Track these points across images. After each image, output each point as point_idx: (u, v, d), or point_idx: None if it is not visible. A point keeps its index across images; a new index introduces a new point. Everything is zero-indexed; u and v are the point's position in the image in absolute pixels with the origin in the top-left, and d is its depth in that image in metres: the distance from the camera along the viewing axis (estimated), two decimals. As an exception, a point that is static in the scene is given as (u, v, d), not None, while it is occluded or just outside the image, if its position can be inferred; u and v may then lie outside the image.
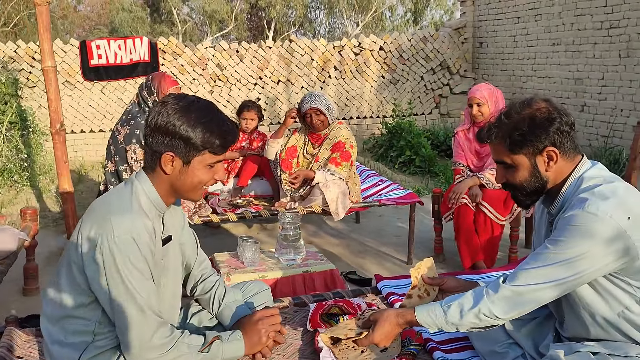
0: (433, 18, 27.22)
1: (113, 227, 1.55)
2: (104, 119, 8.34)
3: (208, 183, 1.69)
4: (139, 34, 23.29)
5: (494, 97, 3.94)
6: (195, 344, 1.69)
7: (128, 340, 1.59)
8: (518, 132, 1.68)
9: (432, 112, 9.64)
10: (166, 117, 1.60)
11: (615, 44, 7.07)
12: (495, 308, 1.65)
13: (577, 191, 1.67)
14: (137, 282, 1.57)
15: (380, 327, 1.83)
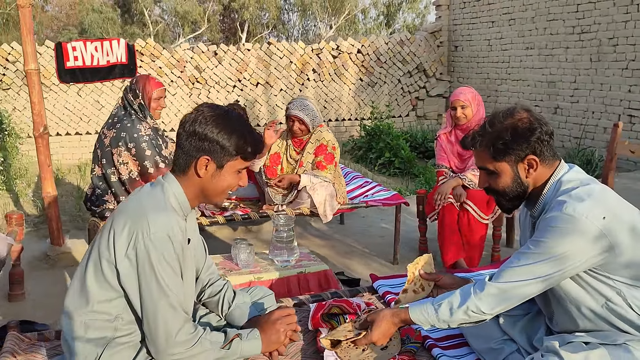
0: (405, 21, 27.52)
1: (149, 224, 1.61)
2: (80, 122, 8.23)
3: (234, 188, 1.79)
4: (110, 35, 23.00)
5: (476, 100, 4.05)
6: (217, 341, 1.75)
7: (156, 335, 1.64)
8: (501, 141, 1.76)
9: (409, 115, 9.78)
10: (204, 124, 1.69)
11: (587, 49, 7.30)
12: (482, 304, 1.74)
13: (556, 194, 1.75)
14: (169, 279, 1.63)
15: (378, 327, 1.90)
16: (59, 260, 4.25)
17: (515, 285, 1.72)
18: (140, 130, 3.44)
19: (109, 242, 1.65)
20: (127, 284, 1.64)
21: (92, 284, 1.68)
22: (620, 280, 1.69)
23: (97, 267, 1.67)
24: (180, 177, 1.75)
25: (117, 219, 1.67)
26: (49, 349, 2.01)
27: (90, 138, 8.33)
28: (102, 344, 1.68)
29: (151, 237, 1.60)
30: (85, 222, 5.35)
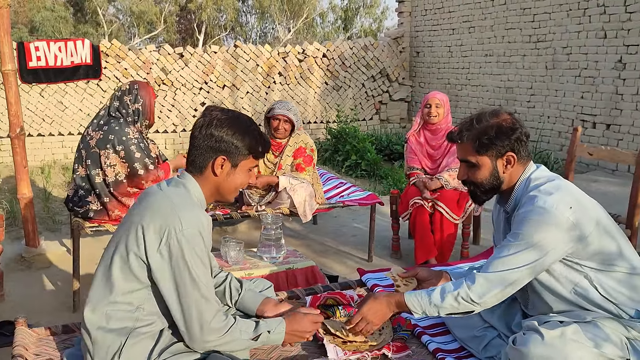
0: (362, 26, 27.94)
1: (182, 221, 1.71)
2: (42, 123, 8.08)
3: (244, 185, 1.93)
4: (62, 34, 22.43)
5: (448, 105, 4.27)
6: (246, 331, 1.84)
7: (190, 325, 1.73)
8: (486, 136, 1.94)
9: (372, 118, 10.01)
10: (220, 126, 1.82)
11: (542, 56, 7.68)
12: (472, 293, 1.89)
13: (526, 190, 1.96)
14: (201, 272, 1.74)
15: (368, 303, 2.04)
16: (35, 262, 4.23)
17: (502, 275, 1.88)
18: (129, 133, 3.46)
19: (138, 238, 1.73)
20: (159, 278, 1.73)
21: (117, 276, 1.75)
22: (588, 265, 1.91)
23: (124, 260, 1.75)
24: (197, 177, 1.87)
25: (145, 215, 1.75)
26: (58, 343, 2.06)
27: (53, 140, 8.19)
28: (124, 333, 1.75)
29: (184, 233, 1.70)
30: (57, 224, 5.31)
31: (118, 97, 3.55)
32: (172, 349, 1.80)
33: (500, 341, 2.15)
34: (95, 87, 8.24)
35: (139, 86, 3.58)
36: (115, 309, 1.76)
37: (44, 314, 3.30)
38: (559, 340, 1.78)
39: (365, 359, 2.09)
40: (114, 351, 1.74)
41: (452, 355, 2.16)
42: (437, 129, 4.29)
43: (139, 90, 3.56)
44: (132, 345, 1.75)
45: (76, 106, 8.19)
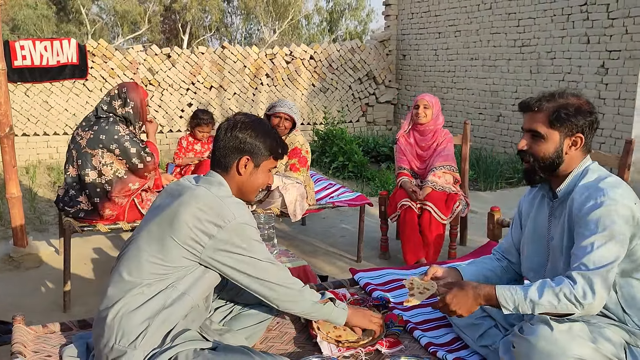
0: (348, 28, 28.07)
1: (233, 212, 1.84)
2: (27, 122, 8.02)
3: (264, 186, 2.07)
4: (44, 33, 22.19)
5: (437, 107, 4.34)
6: (314, 295, 2.06)
7: (271, 286, 1.94)
8: (565, 111, 1.93)
9: (359, 120, 10.08)
10: (244, 129, 1.97)
11: (527, 61, 7.81)
12: (576, 291, 1.79)
13: (582, 179, 1.96)
14: (260, 251, 1.92)
15: (454, 291, 1.94)
16: (24, 262, 4.20)
17: (601, 272, 1.80)
18: (119, 130, 3.46)
19: (181, 225, 1.81)
20: (219, 259, 1.86)
21: (155, 259, 1.81)
22: (620, 266, 1.89)
23: (163, 244, 1.82)
24: (223, 176, 1.98)
25: (187, 210, 1.82)
26: (55, 340, 2.07)
27: (38, 140, 8.12)
28: (154, 314, 1.80)
29: (238, 220, 1.84)
30: (44, 224, 5.28)
31: (107, 101, 3.54)
32: (185, 335, 1.84)
33: (496, 331, 2.17)
34: (81, 87, 8.19)
35: (127, 89, 3.55)
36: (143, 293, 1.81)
37: (35, 314, 3.29)
38: (566, 335, 1.81)
39: (359, 355, 2.13)
40: (141, 331, 1.77)
41: (444, 348, 2.21)
42: (425, 130, 4.36)
43: (128, 93, 3.53)
44: (159, 325, 1.80)
45: (62, 106, 8.14)
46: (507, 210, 5.03)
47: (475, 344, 2.21)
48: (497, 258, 2.37)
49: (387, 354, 2.16)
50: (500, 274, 2.30)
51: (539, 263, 2.12)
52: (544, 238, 2.10)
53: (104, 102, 3.55)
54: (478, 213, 5.53)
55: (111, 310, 1.79)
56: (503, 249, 2.37)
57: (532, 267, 2.16)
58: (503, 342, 2.04)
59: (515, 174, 7.34)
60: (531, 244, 2.16)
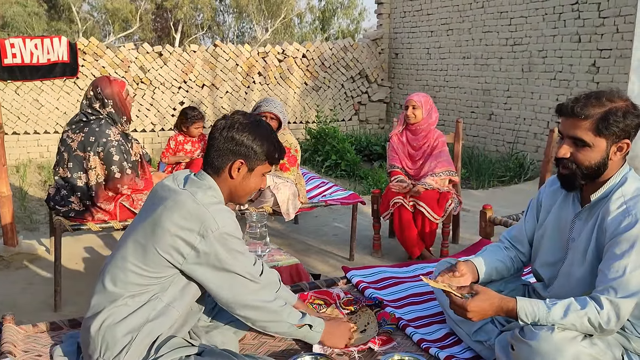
0: (340, 27, 28.08)
1: (217, 222, 1.77)
2: (17, 121, 7.95)
3: (257, 190, 2.01)
4: (35, 31, 22.02)
5: (428, 105, 4.34)
6: (294, 316, 1.97)
7: (248, 304, 1.87)
8: (613, 117, 1.81)
9: (351, 119, 10.08)
10: (241, 130, 1.88)
11: (519, 59, 7.83)
12: (601, 319, 1.77)
13: (619, 187, 1.88)
14: (242, 261, 1.85)
15: (480, 300, 1.87)
16: (14, 261, 4.17)
17: (631, 301, 1.77)
18: (110, 135, 3.40)
19: (165, 235, 1.76)
20: (200, 275, 1.81)
21: (138, 269, 1.78)
22: None
23: (145, 252, 1.78)
24: (214, 177, 1.91)
25: (170, 215, 1.77)
26: (46, 339, 2.06)
27: (28, 138, 8.06)
28: (137, 328, 1.77)
29: (220, 229, 1.77)
30: (34, 223, 5.25)
31: (87, 105, 3.47)
32: (170, 343, 1.81)
33: (492, 327, 2.14)
34: (72, 85, 8.14)
35: (101, 88, 3.43)
36: (126, 304, 1.78)
37: (26, 313, 3.27)
38: (566, 338, 1.77)
39: (352, 353, 2.13)
40: (124, 345, 1.74)
41: (436, 344, 2.21)
42: (417, 130, 4.37)
43: (103, 91, 3.43)
44: (144, 337, 1.77)
45: (52, 104, 8.08)
46: (499, 208, 5.05)
47: (470, 339, 2.20)
48: (506, 247, 2.29)
49: (380, 352, 2.16)
50: (509, 265, 2.24)
51: (555, 260, 2.08)
52: (564, 236, 2.05)
53: (85, 106, 3.48)
54: (470, 211, 5.55)
55: (95, 321, 1.77)
56: (512, 236, 2.30)
57: (548, 262, 2.12)
58: (499, 341, 2.01)
59: (507, 172, 7.37)
60: (550, 240, 2.11)
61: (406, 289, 2.70)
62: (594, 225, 1.93)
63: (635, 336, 1.91)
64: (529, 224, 2.24)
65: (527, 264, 2.30)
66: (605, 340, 1.86)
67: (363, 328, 2.31)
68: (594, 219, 1.94)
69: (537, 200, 2.23)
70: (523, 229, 2.26)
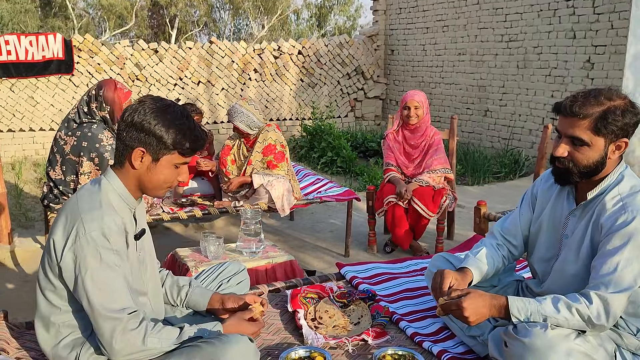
0: (337, 23, 28.06)
1: (84, 224, 1.64)
2: (13, 118, 7.93)
3: (172, 183, 1.80)
4: (29, 28, 21.91)
5: (426, 104, 4.35)
6: (168, 338, 1.72)
7: (100, 338, 1.68)
8: (612, 116, 1.80)
9: (347, 115, 10.08)
10: (143, 115, 1.69)
11: (514, 56, 7.84)
12: (591, 312, 1.79)
13: (618, 184, 1.89)
14: (104, 282, 1.65)
15: (473, 299, 1.87)
16: (9, 259, 4.17)
17: (623, 296, 1.79)
18: (102, 140, 3.38)
19: (50, 243, 1.70)
20: (69, 283, 1.68)
21: (46, 285, 1.74)
22: None
23: (46, 274, 1.74)
24: (118, 170, 1.77)
25: (57, 223, 1.71)
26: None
27: (24, 135, 8.04)
28: (79, 344, 1.75)
29: (87, 236, 1.63)
30: (29, 221, 5.24)
31: (86, 102, 3.45)
32: None
33: (485, 322, 2.10)
34: (67, 82, 8.12)
35: (104, 91, 3.42)
36: (63, 324, 1.75)
37: (20, 311, 3.26)
38: (559, 335, 1.78)
39: (345, 345, 2.14)
40: None
41: (429, 338, 2.23)
42: (416, 128, 4.38)
43: (105, 94, 3.41)
44: (87, 351, 1.74)
45: (48, 101, 8.06)
46: (495, 205, 5.07)
47: (464, 334, 2.21)
48: (498, 244, 2.25)
49: (374, 345, 2.17)
50: (500, 266, 2.21)
51: (549, 256, 2.09)
52: (558, 232, 2.06)
53: (84, 102, 3.47)
54: (465, 207, 5.56)
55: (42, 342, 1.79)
56: (506, 229, 2.27)
57: (543, 258, 2.12)
58: (492, 337, 2.02)
59: (502, 169, 7.39)
60: (545, 234, 2.12)
61: (400, 284, 2.71)
62: (589, 222, 1.94)
63: (627, 333, 1.92)
64: (524, 217, 2.23)
65: (519, 257, 2.30)
66: (598, 337, 1.87)
67: (357, 320, 2.33)
68: (588, 216, 1.95)
69: (532, 193, 2.23)
70: (517, 222, 2.24)
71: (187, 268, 2.90)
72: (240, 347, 1.71)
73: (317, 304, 2.39)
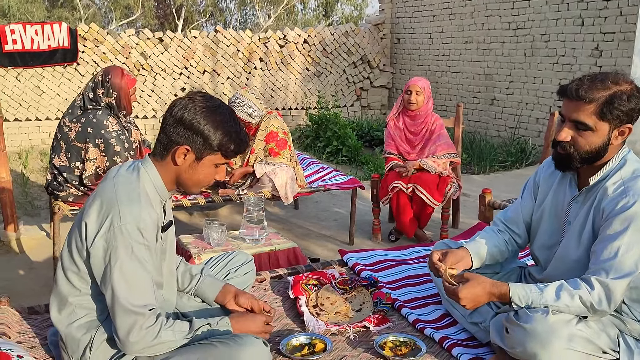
0: (344, 13, 27.89)
1: (121, 215, 1.63)
2: (19, 108, 7.95)
3: (210, 182, 1.81)
4: (34, 18, 21.92)
5: (428, 92, 4.32)
6: (181, 330, 1.72)
7: (116, 328, 1.67)
8: (618, 101, 1.77)
9: (353, 105, 10.04)
10: (193, 113, 1.68)
11: (521, 44, 7.77)
12: (593, 298, 1.77)
13: (620, 169, 1.86)
14: (132, 274, 1.64)
15: (472, 285, 1.87)
16: (14, 246, 4.19)
17: (624, 282, 1.77)
18: (108, 126, 3.39)
19: (81, 226, 1.68)
20: (96, 270, 1.67)
21: (69, 266, 1.74)
22: None
23: (71, 255, 1.73)
24: (157, 162, 1.76)
25: (91, 208, 1.69)
26: (41, 322, 2.07)
27: (30, 125, 8.07)
28: (94, 326, 1.74)
29: (122, 228, 1.62)
30: (35, 209, 5.26)
31: (92, 88, 3.45)
32: None
33: (487, 308, 2.14)
34: (73, 72, 8.12)
35: (111, 76, 3.43)
36: (80, 305, 1.75)
37: (25, 297, 3.29)
38: (560, 320, 1.77)
39: (346, 332, 2.13)
40: (85, 344, 1.73)
41: (431, 325, 2.22)
42: (416, 115, 4.35)
43: (112, 80, 3.42)
44: (102, 335, 1.74)
45: (54, 91, 8.07)
46: (500, 193, 5.04)
47: (466, 320, 2.20)
48: (499, 229, 2.25)
49: (375, 332, 2.17)
50: (503, 249, 2.20)
51: (552, 243, 2.07)
52: (561, 219, 2.04)
53: (89, 89, 3.47)
54: (471, 196, 5.53)
55: (56, 322, 1.77)
56: (508, 218, 2.26)
57: (545, 245, 2.11)
58: (494, 323, 2.00)
59: (508, 157, 7.34)
60: (547, 222, 2.10)
61: (403, 271, 2.70)
62: (591, 207, 1.91)
63: (631, 319, 1.90)
64: (526, 205, 2.21)
65: (523, 246, 2.28)
66: (600, 323, 1.85)
67: (358, 307, 2.33)
68: (590, 202, 1.92)
69: (534, 181, 2.21)
70: (519, 210, 2.23)
71: (189, 255, 2.90)
72: (254, 350, 1.72)
73: (319, 291, 2.39)
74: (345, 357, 2.01)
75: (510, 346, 1.85)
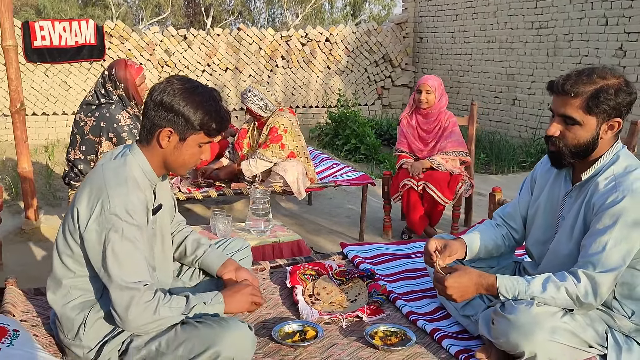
0: (372, 12, 27.81)
1: (110, 199, 1.69)
2: (47, 102, 8.19)
3: (196, 162, 1.86)
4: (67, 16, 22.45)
5: (440, 89, 4.32)
6: (178, 306, 1.76)
7: (115, 308, 1.70)
8: (604, 95, 1.78)
9: (374, 103, 10.04)
10: (172, 95, 1.74)
11: (544, 43, 7.68)
12: (579, 291, 1.79)
13: (613, 164, 1.86)
14: (125, 256, 1.70)
15: (459, 275, 1.90)
16: (34, 234, 4.34)
17: (610, 276, 1.78)
18: (120, 120, 3.47)
19: (73, 218, 1.75)
20: (90, 253, 1.74)
21: (68, 259, 1.81)
22: None
23: (66, 241, 1.80)
24: (144, 147, 1.83)
25: (81, 194, 1.76)
26: (44, 302, 2.15)
27: (57, 119, 8.30)
28: (88, 306, 1.82)
29: (111, 211, 1.68)
30: (57, 200, 5.43)
31: (101, 83, 3.55)
32: None
33: (480, 301, 2.16)
34: (99, 68, 8.32)
35: (115, 69, 3.51)
36: (75, 286, 1.82)
37: (37, 281, 3.38)
38: (545, 312, 1.79)
39: (339, 321, 2.17)
40: (79, 323, 1.80)
41: (424, 317, 2.24)
42: (428, 113, 4.36)
43: (117, 73, 3.50)
44: (95, 314, 1.81)
45: (80, 86, 8.29)
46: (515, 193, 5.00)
47: (458, 314, 2.22)
48: (497, 224, 2.27)
49: (368, 322, 2.20)
50: (500, 243, 2.22)
51: (546, 238, 2.09)
52: (555, 214, 2.05)
53: (100, 84, 3.57)
54: (486, 196, 5.50)
55: (52, 302, 1.86)
56: (506, 213, 2.27)
57: (539, 240, 2.12)
58: (483, 316, 2.02)
59: (528, 158, 7.27)
60: (542, 217, 2.11)
61: (401, 265, 2.72)
62: (582, 202, 1.92)
63: (621, 315, 1.90)
64: (524, 199, 2.23)
65: (521, 242, 2.30)
66: (587, 317, 1.86)
67: (354, 298, 2.37)
68: (582, 197, 1.93)
69: (532, 177, 2.23)
70: (517, 206, 2.25)
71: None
72: (238, 334, 1.76)
73: (316, 281, 2.43)
74: (336, 345, 2.05)
75: (495, 337, 1.87)
